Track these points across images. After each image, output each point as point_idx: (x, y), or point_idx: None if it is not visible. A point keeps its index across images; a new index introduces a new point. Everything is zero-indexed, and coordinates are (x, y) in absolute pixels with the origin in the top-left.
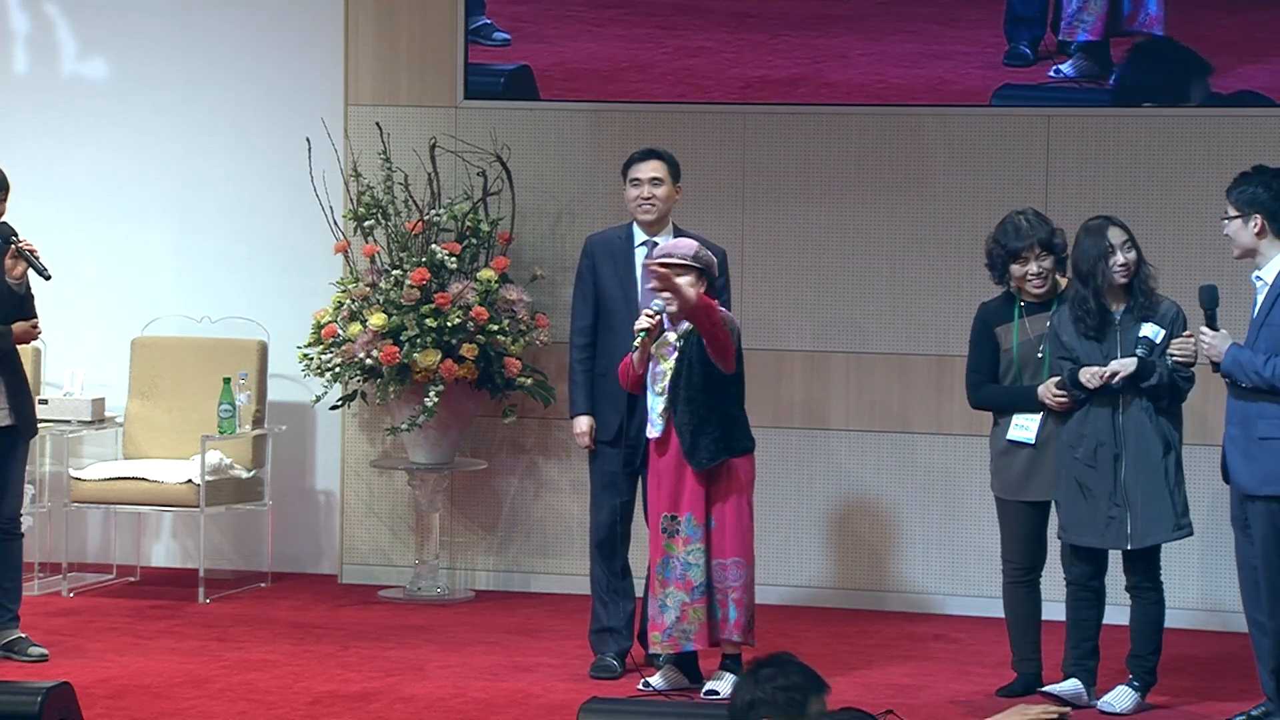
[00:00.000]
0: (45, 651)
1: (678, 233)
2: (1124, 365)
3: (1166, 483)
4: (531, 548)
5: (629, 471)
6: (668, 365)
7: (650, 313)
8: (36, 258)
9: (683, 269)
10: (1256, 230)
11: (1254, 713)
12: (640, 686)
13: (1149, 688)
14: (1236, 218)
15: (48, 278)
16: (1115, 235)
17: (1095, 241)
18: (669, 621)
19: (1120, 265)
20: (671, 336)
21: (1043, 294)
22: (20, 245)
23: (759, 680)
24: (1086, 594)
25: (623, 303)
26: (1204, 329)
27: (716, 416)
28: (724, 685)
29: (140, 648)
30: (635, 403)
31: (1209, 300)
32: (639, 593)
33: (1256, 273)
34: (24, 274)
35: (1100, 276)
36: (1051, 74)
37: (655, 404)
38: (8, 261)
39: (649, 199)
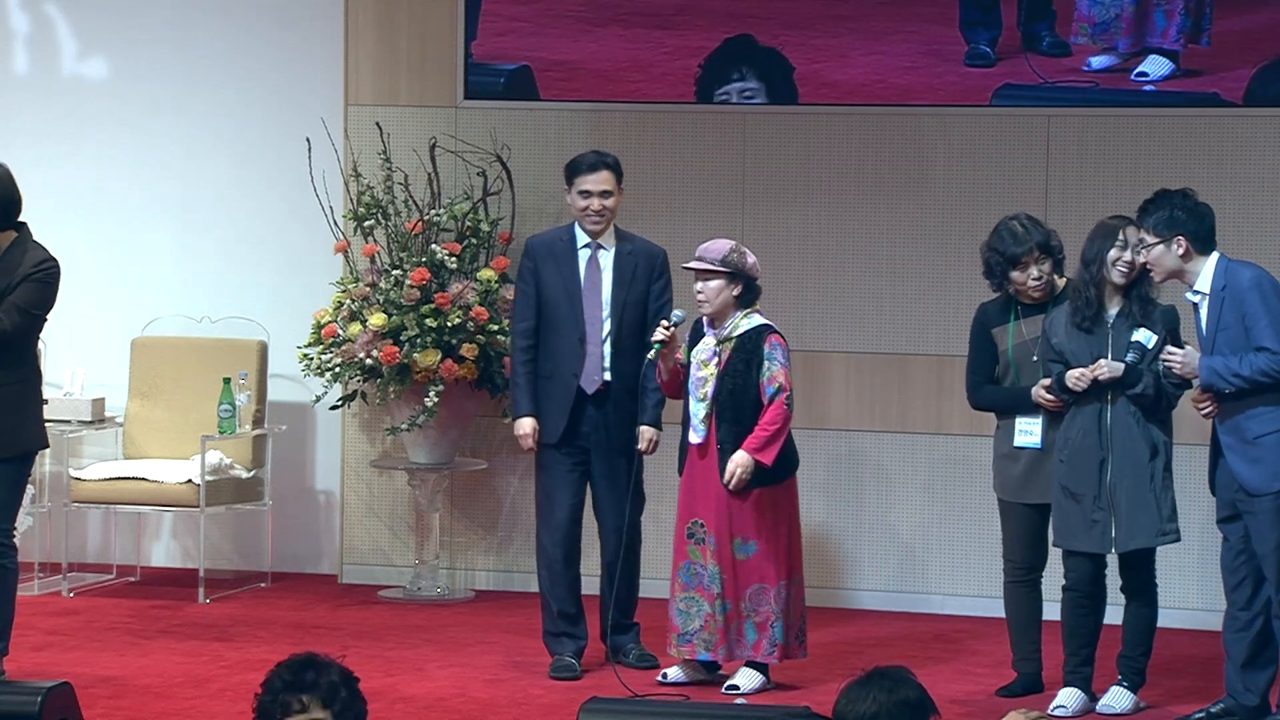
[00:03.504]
0: None
1: (618, 234)
2: (1110, 368)
3: (1152, 487)
4: (531, 548)
5: (577, 475)
6: (708, 371)
7: (665, 324)
8: None
9: (710, 273)
10: (1181, 252)
11: (1213, 709)
12: (659, 679)
13: (1138, 688)
14: (1158, 244)
15: None
16: (1130, 234)
17: (1105, 235)
18: (691, 628)
19: (1123, 263)
20: (711, 341)
21: (1041, 297)
22: None
23: (875, 692)
24: (1084, 600)
25: (566, 306)
26: (1170, 349)
27: None
28: (745, 681)
29: (140, 648)
30: (583, 407)
31: (1170, 321)
32: (589, 589)
33: (1188, 292)
34: None
35: (1100, 268)
36: (1134, 77)
37: (697, 410)
38: None
39: (599, 212)
